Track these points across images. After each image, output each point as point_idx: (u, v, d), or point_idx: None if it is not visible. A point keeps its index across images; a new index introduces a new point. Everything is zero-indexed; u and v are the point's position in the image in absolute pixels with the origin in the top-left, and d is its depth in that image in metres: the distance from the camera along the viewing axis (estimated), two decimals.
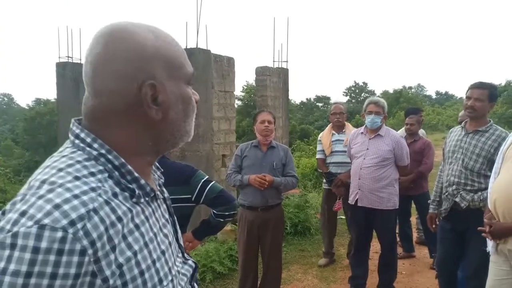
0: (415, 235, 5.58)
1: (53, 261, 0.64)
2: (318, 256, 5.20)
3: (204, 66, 5.80)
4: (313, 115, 43.24)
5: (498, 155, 2.71)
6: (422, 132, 5.55)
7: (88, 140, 0.79)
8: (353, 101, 56.35)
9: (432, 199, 3.46)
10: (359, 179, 3.85)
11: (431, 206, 3.46)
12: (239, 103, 28.55)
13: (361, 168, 3.85)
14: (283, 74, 8.52)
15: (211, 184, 2.50)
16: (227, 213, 2.52)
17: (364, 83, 64.28)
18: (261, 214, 3.59)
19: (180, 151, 5.61)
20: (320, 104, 51.89)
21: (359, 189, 3.85)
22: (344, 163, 4.61)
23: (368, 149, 3.87)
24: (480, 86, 3.08)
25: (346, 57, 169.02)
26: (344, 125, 4.86)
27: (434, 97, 70.37)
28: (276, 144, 3.74)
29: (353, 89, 63.96)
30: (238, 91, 30.06)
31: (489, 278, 2.64)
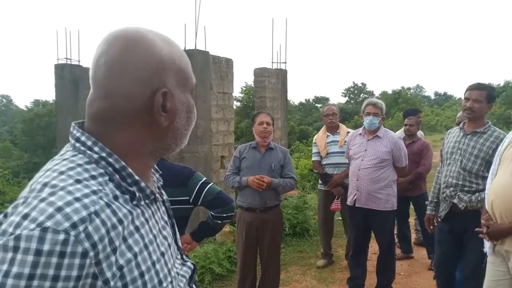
0: (413, 236, 5.59)
1: (55, 264, 0.65)
2: (317, 257, 5.21)
3: (202, 68, 5.81)
4: (312, 116, 43.26)
5: (495, 156, 2.73)
6: (420, 133, 5.56)
7: (89, 143, 0.80)
8: (352, 102, 56.48)
9: (430, 200, 3.47)
10: (357, 180, 3.86)
11: (428, 207, 3.47)
12: (238, 104, 28.55)
13: (359, 169, 3.85)
14: (281, 75, 8.52)
15: (209, 186, 2.50)
16: (224, 215, 2.53)
17: (362, 84, 64.48)
18: (260, 216, 3.59)
19: (178, 153, 5.61)
20: (319, 105, 51.98)
21: (357, 190, 3.85)
22: (340, 164, 4.62)
23: (366, 150, 3.88)
24: (478, 87, 3.08)
25: (344, 58, 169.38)
26: (338, 126, 4.86)
27: (432, 98, 70.53)
28: (274, 146, 3.75)
29: (352, 90, 64.08)
30: (237, 92, 30.05)
31: (486, 279, 2.65)
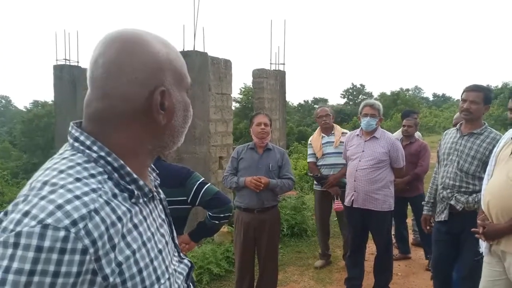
0: (411, 236, 5.61)
1: (55, 260, 0.66)
2: (315, 257, 5.22)
3: (200, 69, 5.82)
4: (310, 117, 43.18)
5: (491, 157, 2.74)
6: (418, 134, 5.57)
7: (88, 142, 0.81)
8: (350, 103, 56.50)
9: (426, 200, 3.48)
10: (354, 181, 3.87)
11: (425, 208, 3.48)
12: (237, 105, 28.55)
13: (356, 170, 3.87)
14: (280, 77, 8.53)
15: (206, 186, 2.51)
16: (222, 215, 2.53)
17: (361, 85, 64.58)
18: (257, 216, 3.60)
19: (177, 153, 5.62)
20: (317, 106, 51.91)
21: (355, 191, 3.87)
22: (336, 165, 4.64)
23: (363, 151, 3.90)
24: (475, 89, 3.09)
25: (343, 59, 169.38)
26: (332, 127, 4.88)
27: (431, 99, 70.57)
28: (272, 147, 3.76)
29: (351, 91, 64.16)
30: (235, 93, 30.06)
31: (482, 279, 2.65)
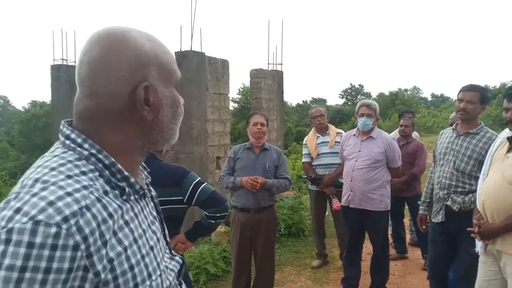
0: (408, 236, 5.61)
1: (47, 256, 0.66)
2: (312, 257, 5.22)
3: (198, 69, 5.81)
4: (309, 118, 43.28)
5: (486, 156, 2.74)
6: (415, 134, 5.58)
7: (79, 140, 0.81)
8: (349, 103, 56.57)
9: (422, 200, 3.48)
10: (351, 180, 3.88)
11: (421, 207, 3.48)
12: (236, 105, 28.58)
13: (353, 170, 3.87)
14: (277, 77, 8.52)
15: (202, 185, 2.51)
16: (218, 215, 2.53)
17: (360, 85, 64.75)
18: (254, 216, 3.61)
19: (174, 153, 5.62)
20: (313, 106, 51.97)
21: (351, 191, 3.87)
22: (331, 165, 4.65)
23: (360, 151, 3.90)
24: (471, 89, 3.10)
25: (342, 59, 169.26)
26: (327, 127, 4.89)
27: (429, 99, 70.62)
28: (269, 146, 3.76)
29: (349, 91, 64.30)
30: (234, 93, 30.06)
31: (478, 278, 2.66)
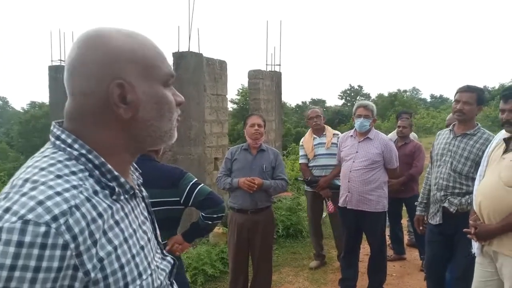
0: (406, 237, 5.61)
1: (36, 255, 0.66)
2: (310, 258, 5.22)
3: (196, 69, 5.81)
4: (305, 119, 43.26)
5: (483, 158, 2.74)
6: (413, 135, 5.58)
7: (69, 141, 0.82)
8: (348, 104, 56.58)
9: (419, 201, 3.48)
10: (348, 181, 3.88)
11: (418, 208, 3.49)
12: (235, 106, 28.55)
13: (350, 171, 3.87)
14: (276, 78, 8.53)
15: (199, 186, 2.51)
16: (215, 216, 2.53)
17: (359, 86, 64.77)
18: (251, 217, 3.60)
19: (172, 154, 5.62)
20: (312, 107, 51.98)
21: (349, 192, 3.87)
22: (327, 166, 4.66)
23: (357, 152, 3.90)
24: (468, 90, 3.10)
25: (341, 60, 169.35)
26: (323, 128, 4.89)
27: (428, 100, 70.54)
28: (266, 147, 3.76)
29: (349, 92, 64.35)
30: (233, 94, 30.03)
31: (475, 279, 2.66)
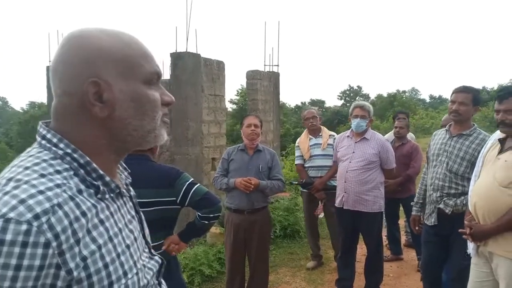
0: (403, 238, 5.61)
1: (17, 253, 0.66)
2: (307, 259, 5.22)
3: (193, 70, 5.81)
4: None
5: (478, 158, 2.75)
6: (411, 135, 5.59)
7: (55, 140, 0.82)
8: (347, 105, 56.53)
9: (415, 201, 3.49)
10: (345, 182, 3.88)
11: (414, 208, 3.49)
12: (234, 107, 28.51)
13: (347, 171, 3.88)
14: (274, 78, 8.54)
15: (195, 186, 2.51)
16: (212, 215, 2.53)
17: (358, 86, 64.83)
18: (247, 217, 3.61)
19: (169, 154, 5.62)
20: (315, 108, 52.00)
21: (345, 192, 3.87)
22: (323, 167, 4.66)
23: (354, 152, 3.91)
24: (464, 90, 3.10)
25: (340, 61, 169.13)
26: (319, 129, 4.89)
27: (428, 101, 70.49)
28: (262, 148, 3.77)
29: (348, 92, 64.39)
30: (233, 95, 30.01)
31: (470, 280, 2.66)
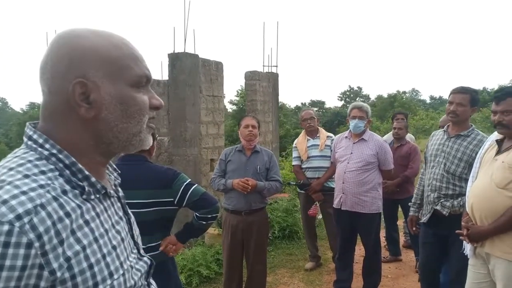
0: (402, 239, 5.61)
1: None
2: (305, 260, 5.22)
3: (191, 71, 5.80)
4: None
5: (475, 159, 2.74)
6: (410, 136, 5.58)
7: (40, 141, 0.82)
8: (348, 105, 56.59)
9: (413, 202, 3.49)
10: (343, 183, 3.88)
11: (411, 209, 3.49)
12: (234, 107, 28.52)
13: (345, 172, 3.87)
14: (272, 79, 8.53)
15: (193, 187, 2.51)
16: (209, 216, 2.53)
17: (358, 87, 64.93)
18: (245, 218, 3.60)
19: (167, 155, 5.61)
20: (315, 109, 51.98)
21: (343, 193, 3.87)
22: (320, 168, 4.66)
23: (352, 153, 3.90)
24: (461, 91, 3.10)
25: (341, 61, 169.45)
26: (317, 130, 4.89)
27: (428, 101, 70.53)
28: (260, 149, 3.76)
29: (348, 93, 64.45)
30: (232, 95, 30.04)
31: (468, 281, 2.66)
